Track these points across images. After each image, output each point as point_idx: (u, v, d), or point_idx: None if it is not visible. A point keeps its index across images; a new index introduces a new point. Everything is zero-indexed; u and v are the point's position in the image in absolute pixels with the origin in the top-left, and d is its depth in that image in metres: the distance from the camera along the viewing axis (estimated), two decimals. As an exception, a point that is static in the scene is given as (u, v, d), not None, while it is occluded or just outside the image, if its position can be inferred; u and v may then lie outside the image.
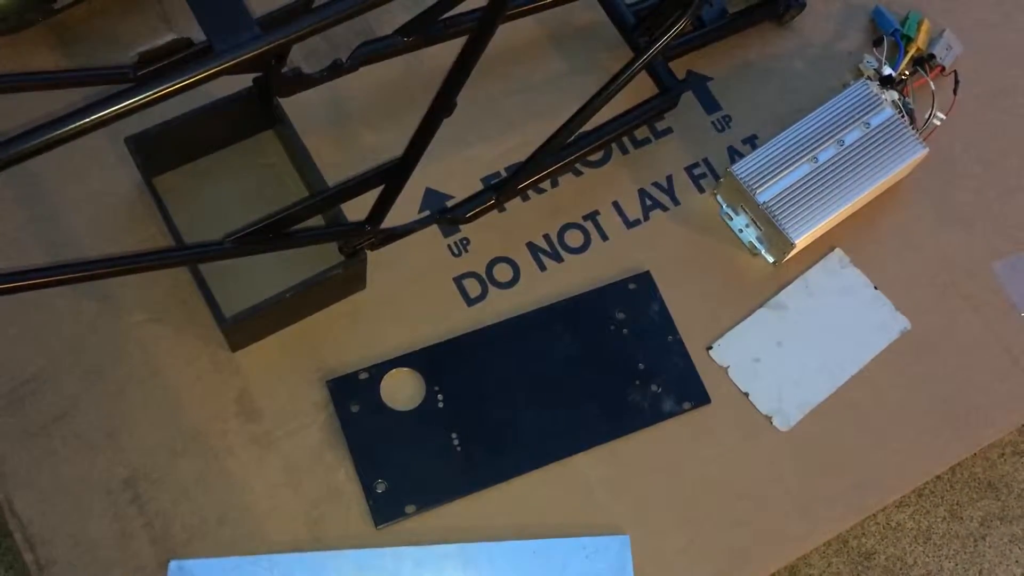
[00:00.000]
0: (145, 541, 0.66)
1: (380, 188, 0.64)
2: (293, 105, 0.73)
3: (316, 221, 0.71)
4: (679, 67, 0.83)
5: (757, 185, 0.75)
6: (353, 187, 0.61)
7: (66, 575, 0.64)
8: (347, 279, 0.71)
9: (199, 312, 0.70)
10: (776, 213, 0.75)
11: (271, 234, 0.59)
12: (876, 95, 0.78)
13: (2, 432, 0.67)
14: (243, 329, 0.69)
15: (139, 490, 0.67)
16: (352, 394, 0.71)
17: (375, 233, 0.66)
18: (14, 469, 0.67)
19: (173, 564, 0.65)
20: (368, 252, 0.70)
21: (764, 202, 0.75)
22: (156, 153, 0.71)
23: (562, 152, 0.76)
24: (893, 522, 0.85)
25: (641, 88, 0.81)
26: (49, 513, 0.66)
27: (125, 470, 0.67)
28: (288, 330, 0.72)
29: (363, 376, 0.72)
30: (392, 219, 0.72)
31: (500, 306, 0.75)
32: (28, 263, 0.62)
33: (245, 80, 0.70)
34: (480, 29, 0.50)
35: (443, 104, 0.55)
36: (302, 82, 0.70)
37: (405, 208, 0.76)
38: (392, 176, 0.61)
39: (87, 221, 0.73)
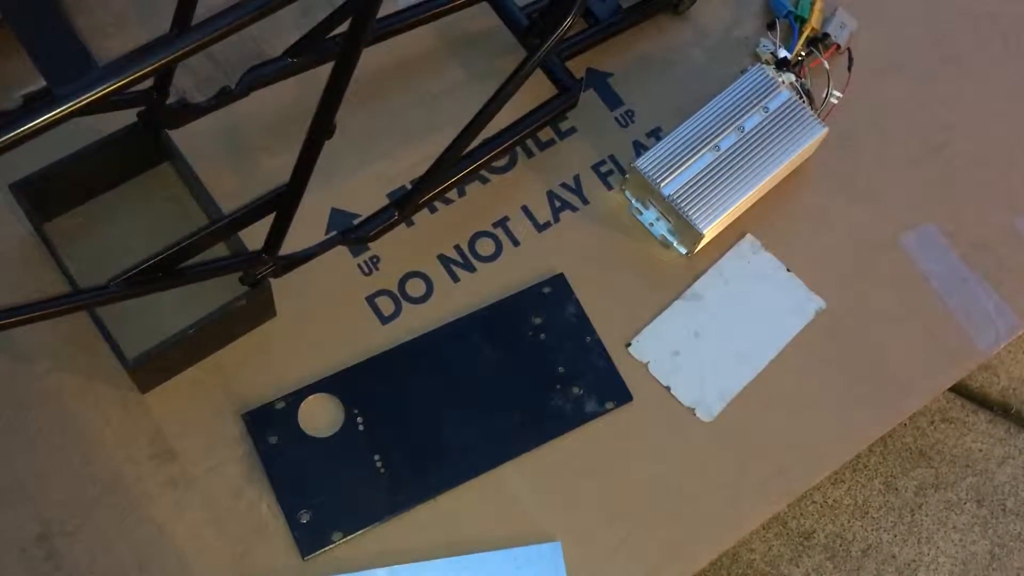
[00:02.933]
0: (64, 596, 0.64)
1: (273, 215, 0.63)
2: (188, 136, 0.72)
3: (221, 251, 0.70)
4: (578, 65, 0.83)
5: (661, 178, 0.75)
6: (243, 217, 0.60)
7: (-18, 640, 0.63)
8: (253, 309, 0.70)
9: (105, 356, 0.68)
10: (682, 205, 0.75)
11: (160, 273, 0.58)
12: (772, 79, 0.79)
13: (-96, 499, 0.65)
14: (149, 369, 0.67)
15: (55, 545, 0.65)
16: (269, 425, 0.70)
17: (274, 261, 0.65)
18: (-80, 536, 0.65)
19: (95, 617, 0.64)
20: (272, 280, 0.69)
21: (669, 195, 0.75)
22: (45, 198, 0.69)
23: (464, 161, 0.75)
24: (830, 499, 0.86)
25: (542, 91, 0.81)
26: (-40, 578, 0.64)
27: (38, 525, 0.66)
28: (200, 365, 0.71)
29: (280, 406, 0.70)
30: (299, 241, 0.71)
31: (415, 322, 0.74)
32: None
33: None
34: (344, 53, 0.49)
35: (321, 127, 0.54)
36: (189, 112, 0.69)
37: (311, 230, 0.75)
38: (282, 202, 0.60)
39: (-20, 273, 0.71)
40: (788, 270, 0.78)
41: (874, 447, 0.87)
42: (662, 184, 0.75)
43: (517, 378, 0.73)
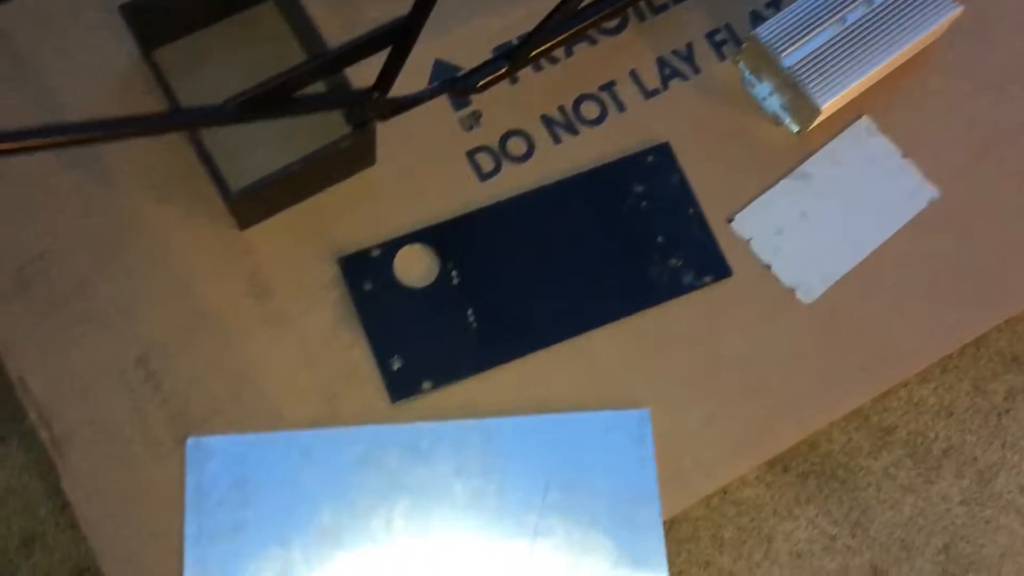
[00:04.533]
0: (161, 419, 0.66)
1: (387, 53, 0.61)
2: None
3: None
4: (699, -73, 0.79)
5: (782, 49, 0.72)
6: (358, 48, 0.58)
7: (83, 453, 0.64)
8: (355, 152, 0.69)
9: (205, 190, 0.68)
10: (802, 77, 0.71)
11: (274, 99, 0.57)
12: (909, -50, 0.74)
13: (12, 311, 0.67)
14: (250, 205, 0.67)
15: (153, 368, 0.66)
16: (364, 271, 0.69)
17: (383, 101, 0.63)
18: (26, 348, 0.66)
19: (191, 441, 0.65)
20: (377, 124, 0.67)
21: (789, 66, 0.72)
22: (152, 24, 0.68)
23: (576, 18, 0.72)
24: (915, 397, 0.84)
25: (659, -50, 0.77)
26: (64, 392, 0.65)
27: (138, 349, 0.67)
28: (298, 207, 0.71)
29: (375, 253, 0.70)
30: (400, 92, 0.69)
31: (514, 181, 0.73)
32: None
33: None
34: None
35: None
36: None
37: (413, 81, 0.73)
38: (399, 36, 0.58)
39: (82, 99, 0.71)
40: (904, 156, 0.75)
41: (966, 348, 0.84)
42: (782, 55, 0.72)
43: (614, 245, 0.72)
